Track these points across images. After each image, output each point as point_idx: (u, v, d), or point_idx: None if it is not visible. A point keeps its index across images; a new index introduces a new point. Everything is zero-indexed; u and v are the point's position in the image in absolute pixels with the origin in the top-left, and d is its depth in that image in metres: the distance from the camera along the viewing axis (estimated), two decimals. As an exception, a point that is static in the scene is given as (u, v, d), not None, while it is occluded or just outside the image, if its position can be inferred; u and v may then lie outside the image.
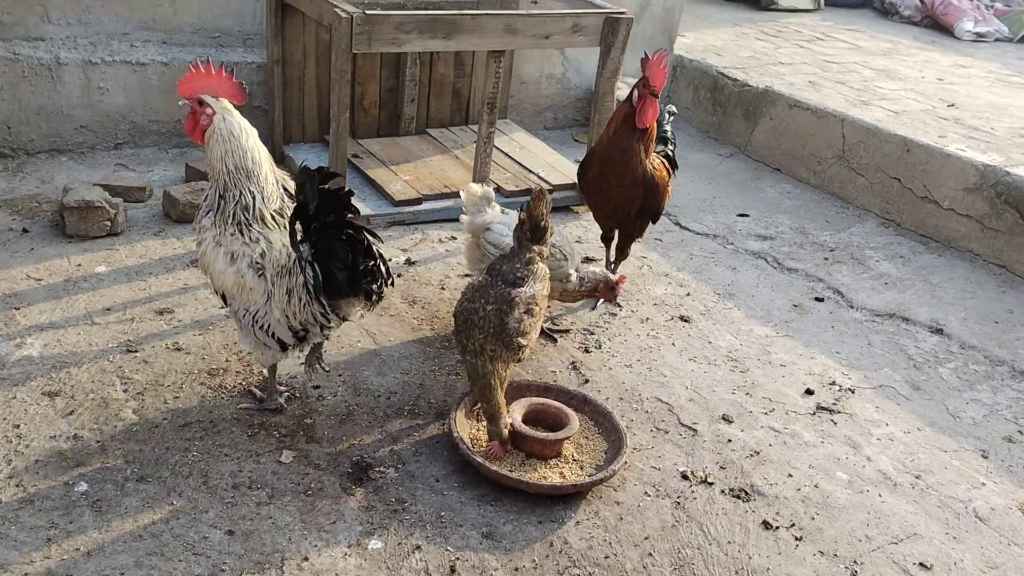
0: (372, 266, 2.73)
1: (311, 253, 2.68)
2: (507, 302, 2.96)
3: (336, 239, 2.67)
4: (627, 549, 2.70)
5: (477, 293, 3.01)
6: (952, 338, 4.13)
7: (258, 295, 2.78)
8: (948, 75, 7.03)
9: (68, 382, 3.11)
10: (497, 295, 2.97)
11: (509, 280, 3.03)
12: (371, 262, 2.72)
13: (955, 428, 3.49)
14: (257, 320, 2.82)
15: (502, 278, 3.03)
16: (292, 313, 2.76)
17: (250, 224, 2.78)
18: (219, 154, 2.78)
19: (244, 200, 2.78)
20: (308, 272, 2.68)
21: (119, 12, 4.83)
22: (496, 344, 2.91)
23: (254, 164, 2.80)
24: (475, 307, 2.96)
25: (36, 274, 3.72)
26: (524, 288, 3.02)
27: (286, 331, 2.81)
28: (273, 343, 2.85)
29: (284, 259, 2.76)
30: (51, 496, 2.62)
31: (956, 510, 3.05)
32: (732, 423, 3.35)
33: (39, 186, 4.48)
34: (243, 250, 2.77)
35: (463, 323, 2.97)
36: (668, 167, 4.04)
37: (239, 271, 2.77)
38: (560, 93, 6.22)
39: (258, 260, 2.77)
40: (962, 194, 4.96)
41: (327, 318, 2.78)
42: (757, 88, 6.09)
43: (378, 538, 2.62)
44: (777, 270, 4.64)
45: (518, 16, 4.46)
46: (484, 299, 2.97)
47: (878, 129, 5.40)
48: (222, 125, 2.78)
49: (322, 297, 2.71)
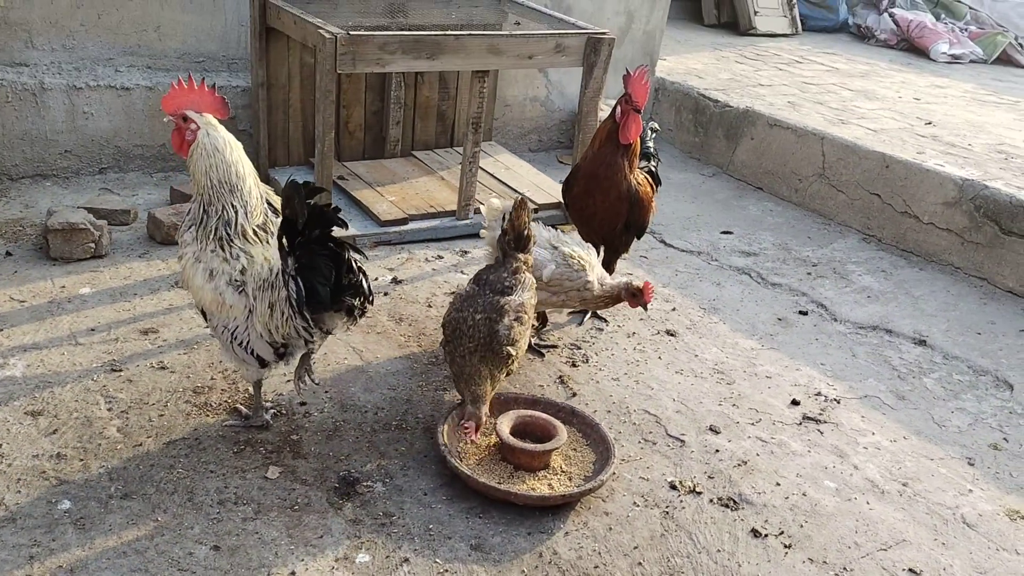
0: (355, 281, 2.73)
1: (294, 267, 2.68)
2: (497, 310, 2.97)
3: (319, 254, 2.67)
4: (616, 559, 2.69)
5: (466, 303, 3.02)
6: (935, 349, 4.16)
7: (238, 312, 2.78)
8: (925, 95, 7.14)
9: (51, 401, 3.08)
10: (486, 304, 2.99)
11: (497, 289, 3.05)
12: (353, 277, 2.72)
13: (941, 436, 3.51)
14: (236, 337, 2.82)
15: (490, 287, 3.05)
16: (275, 327, 2.75)
17: (231, 239, 2.78)
18: (203, 168, 2.79)
19: (227, 215, 2.78)
20: (291, 286, 2.68)
21: (103, 37, 4.85)
22: (486, 352, 2.92)
23: (238, 178, 2.81)
24: (464, 316, 2.98)
25: (19, 296, 3.70)
26: (513, 296, 3.04)
27: (266, 347, 2.81)
28: (252, 360, 2.84)
29: (266, 273, 2.76)
30: (33, 514, 2.59)
31: (944, 516, 3.05)
32: (719, 434, 3.35)
33: (23, 210, 4.47)
34: (222, 267, 2.77)
35: (452, 332, 2.98)
36: (651, 182, 4.07)
37: (217, 288, 2.78)
38: (544, 115, 6.28)
39: (238, 277, 2.77)
40: (941, 208, 5.02)
41: (310, 332, 2.78)
42: (738, 109, 6.17)
43: (366, 552, 2.60)
44: (761, 285, 4.67)
45: (501, 36, 4.51)
46: (473, 308, 2.98)
47: (857, 146, 5.47)
48: (206, 140, 2.80)
49: (305, 311, 2.71)
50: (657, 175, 4.18)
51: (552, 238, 3.58)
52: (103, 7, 4.79)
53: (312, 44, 4.21)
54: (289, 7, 4.51)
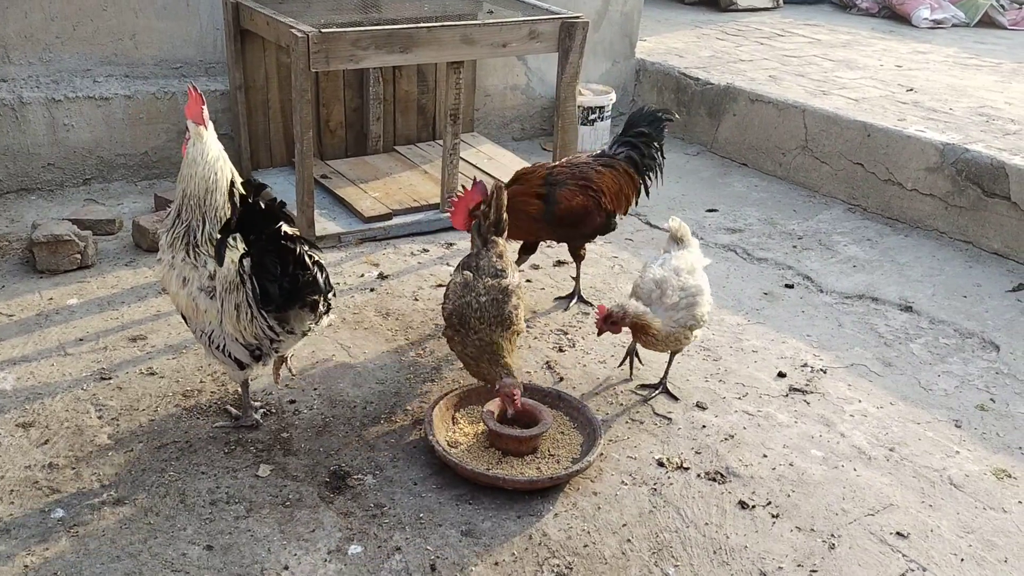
0: (308, 277, 2.69)
1: (249, 267, 2.69)
2: (502, 291, 3.07)
3: (267, 252, 2.65)
4: (606, 537, 2.72)
5: (465, 290, 3.08)
6: (921, 314, 4.18)
7: (212, 316, 2.81)
8: (907, 62, 7.14)
9: (42, 412, 3.11)
10: (488, 287, 3.07)
11: (491, 273, 3.13)
12: (306, 273, 2.68)
13: (928, 400, 3.53)
14: (213, 340, 2.85)
15: (483, 272, 3.13)
16: (243, 328, 2.78)
17: (199, 246, 2.81)
18: (181, 176, 2.84)
19: (193, 224, 2.82)
20: (248, 286, 2.70)
21: (80, 49, 4.86)
22: (500, 329, 3.01)
23: (206, 193, 2.84)
24: (468, 302, 3.04)
25: (7, 310, 3.73)
26: (510, 278, 3.13)
27: (241, 349, 2.83)
28: (231, 362, 2.87)
29: (233, 275, 2.78)
30: (27, 524, 2.62)
31: (931, 479, 3.08)
32: (706, 409, 3.38)
33: (9, 225, 4.49)
34: (193, 274, 2.82)
35: (459, 321, 3.03)
36: (630, 173, 3.99)
37: (190, 294, 2.83)
38: (525, 103, 6.28)
39: (207, 282, 2.80)
40: (924, 174, 5.03)
41: (275, 332, 2.79)
42: (719, 86, 6.17)
43: (358, 543, 2.63)
44: (747, 261, 4.69)
45: (474, 26, 4.51)
46: (474, 293, 3.06)
47: (838, 117, 5.48)
48: (190, 150, 2.85)
49: (262, 310, 2.72)
50: (640, 164, 4.02)
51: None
52: (78, 19, 4.80)
53: (285, 44, 4.23)
54: (261, 8, 4.52)
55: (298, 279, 2.67)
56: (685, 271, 3.28)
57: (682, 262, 3.32)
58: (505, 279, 3.13)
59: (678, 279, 3.24)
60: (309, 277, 2.70)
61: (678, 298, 3.20)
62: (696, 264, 3.36)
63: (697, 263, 3.37)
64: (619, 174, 3.95)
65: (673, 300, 3.19)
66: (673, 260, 3.33)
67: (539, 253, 4.59)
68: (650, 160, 4.07)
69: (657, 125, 4.08)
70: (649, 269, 3.33)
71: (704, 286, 3.29)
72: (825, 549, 2.73)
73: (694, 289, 3.23)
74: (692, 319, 3.21)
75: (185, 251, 2.84)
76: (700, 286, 3.27)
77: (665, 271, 3.27)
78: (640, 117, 4.11)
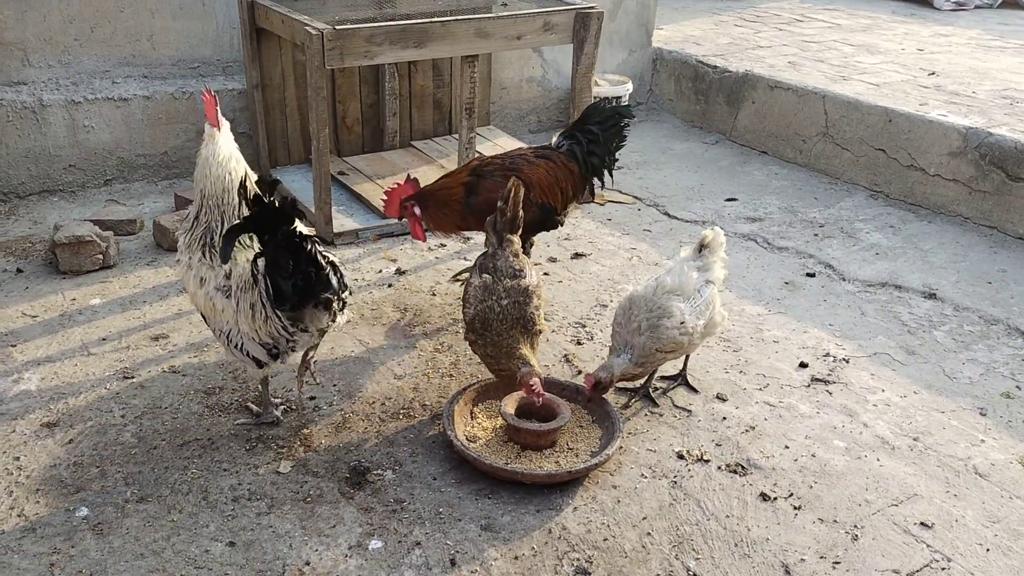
0: (322, 275, 2.68)
1: (263, 267, 2.68)
2: (523, 293, 3.07)
3: (280, 250, 2.64)
4: (625, 530, 2.71)
5: (486, 293, 3.07)
6: (946, 301, 4.12)
7: (228, 315, 2.83)
8: (928, 45, 7.03)
9: (66, 412, 3.15)
10: (508, 289, 3.06)
11: (509, 274, 3.11)
12: (319, 271, 2.67)
13: (952, 388, 3.49)
14: (231, 339, 2.87)
15: (502, 274, 3.11)
16: (258, 327, 2.79)
17: (215, 247, 2.83)
18: (196, 177, 2.86)
19: (212, 224, 2.84)
20: (262, 285, 2.70)
21: (98, 51, 4.90)
22: (521, 330, 3.01)
23: (223, 192, 2.86)
24: (490, 305, 3.03)
25: (31, 311, 3.78)
26: (529, 278, 3.12)
27: (258, 347, 2.84)
28: (249, 360, 2.88)
29: (247, 274, 2.79)
30: (52, 523, 2.65)
31: (956, 468, 3.04)
32: (726, 401, 3.36)
33: (32, 227, 4.55)
34: (209, 274, 2.84)
35: (482, 324, 3.03)
36: (569, 167, 3.84)
37: (208, 294, 2.85)
38: (542, 95, 6.26)
39: (223, 282, 2.81)
40: (947, 159, 4.96)
41: (288, 331, 2.79)
42: (737, 73, 6.12)
43: (378, 538, 2.64)
44: (767, 250, 4.65)
45: (488, 19, 4.50)
46: (495, 296, 3.05)
47: (859, 102, 5.41)
48: (203, 151, 2.87)
49: (276, 309, 2.72)
50: (583, 158, 3.86)
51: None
52: (95, 20, 4.84)
53: (300, 41, 4.24)
54: (276, 6, 4.53)
55: (311, 277, 2.67)
56: (667, 290, 3.10)
57: (672, 279, 3.13)
58: (524, 279, 3.12)
59: (652, 299, 3.09)
60: (323, 276, 2.70)
61: (636, 323, 3.06)
62: (690, 284, 3.13)
63: (696, 281, 3.15)
64: (556, 167, 3.81)
65: (634, 325, 3.07)
66: (667, 276, 3.15)
67: (557, 246, 4.59)
68: (595, 158, 3.90)
69: (609, 126, 3.91)
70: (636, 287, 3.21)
71: (675, 309, 3.06)
72: (848, 540, 2.71)
73: (660, 312, 3.06)
74: (657, 341, 3.06)
75: (202, 251, 2.86)
76: (668, 308, 3.06)
77: (645, 290, 3.14)
78: (595, 112, 3.96)
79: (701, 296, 3.15)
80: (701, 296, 3.15)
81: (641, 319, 3.08)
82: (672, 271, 3.20)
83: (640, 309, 3.10)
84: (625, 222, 4.92)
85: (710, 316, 3.18)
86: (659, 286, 3.13)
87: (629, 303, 3.16)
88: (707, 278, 3.20)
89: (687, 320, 3.08)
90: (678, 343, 3.11)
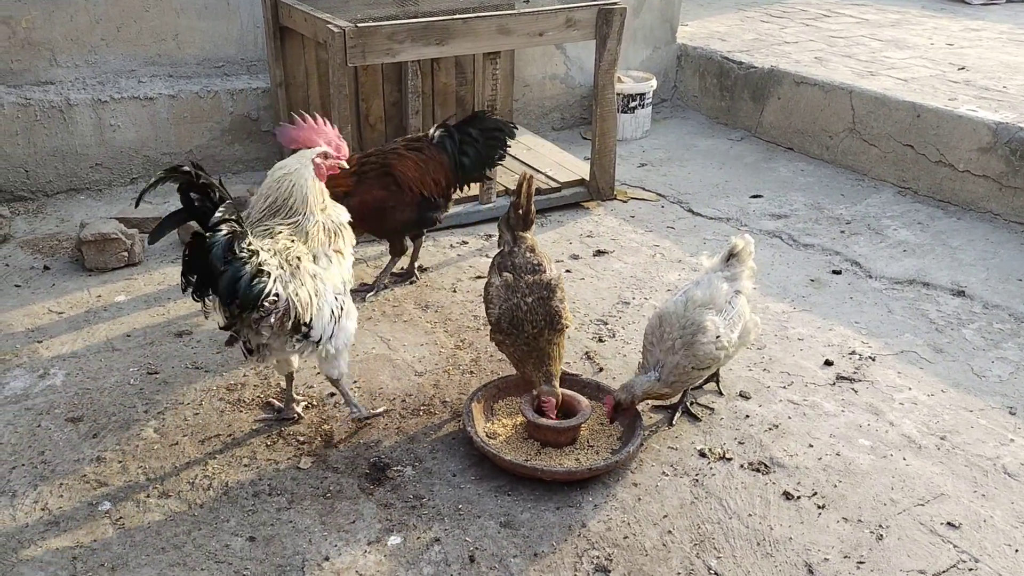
0: (223, 277, 2.54)
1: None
2: (546, 288, 3.05)
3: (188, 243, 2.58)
4: (646, 528, 2.69)
5: (509, 291, 3.05)
6: (975, 299, 4.05)
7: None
8: (958, 40, 6.92)
9: (91, 407, 3.18)
10: (531, 285, 3.04)
11: (529, 270, 3.09)
12: (214, 272, 2.53)
13: (980, 387, 3.43)
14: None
15: (522, 270, 3.09)
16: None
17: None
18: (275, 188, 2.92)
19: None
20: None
21: (124, 50, 4.95)
22: (550, 330, 2.99)
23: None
24: (516, 303, 3.01)
25: (57, 308, 3.82)
26: (549, 273, 3.10)
27: (228, 336, 2.81)
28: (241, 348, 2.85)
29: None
30: (75, 517, 2.68)
31: (984, 468, 2.98)
32: (749, 399, 3.32)
33: (59, 225, 4.60)
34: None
35: (509, 323, 3.01)
36: (439, 159, 3.89)
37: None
38: (565, 93, 6.24)
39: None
40: (977, 155, 4.88)
41: (234, 331, 2.74)
42: (763, 69, 6.06)
43: (397, 534, 2.64)
44: (792, 247, 4.60)
45: (510, 16, 4.49)
46: (520, 294, 3.03)
47: (887, 98, 5.33)
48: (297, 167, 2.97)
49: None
50: (451, 153, 3.92)
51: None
52: (121, 20, 4.89)
53: (323, 39, 4.25)
54: (299, 5, 4.55)
55: (208, 277, 2.55)
56: (698, 304, 3.01)
57: (701, 292, 3.04)
58: (545, 273, 3.10)
59: (684, 315, 2.99)
60: (224, 278, 2.53)
61: (671, 342, 2.96)
62: (720, 296, 3.04)
63: (726, 293, 3.06)
64: (427, 159, 3.87)
65: (668, 344, 2.97)
66: (696, 289, 3.06)
67: (579, 243, 4.57)
68: (467, 159, 3.94)
69: (488, 137, 3.99)
70: (667, 302, 3.12)
71: (710, 323, 2.96)
72: (873, 540, 2.67)
73: (694, 328, 2.96)
74: (693, 358, 2.96)
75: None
76: (701, 323, 2.96)
77: (675, 305, 3.04)
78: (479, 120, 4.03)
79: (733, 308, 3.06)
80: (733, 308, 3.06)
81: (675, 337, 2.96)
82: (700, 283, 3.10)
83: (672, 327, 2.98)
84: (648, 219, 4.88)
85: (743, 326, 3.10)
86: (689, 300, 3.02)
87: (659, 321, 3.04)
88: (736, 288, 3.12)
89: (722, 333, 3.00)
90: (714, 358, 3.01)
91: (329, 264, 2.88)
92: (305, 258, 2.79)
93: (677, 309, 3.01)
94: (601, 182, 5.03)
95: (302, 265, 2.76)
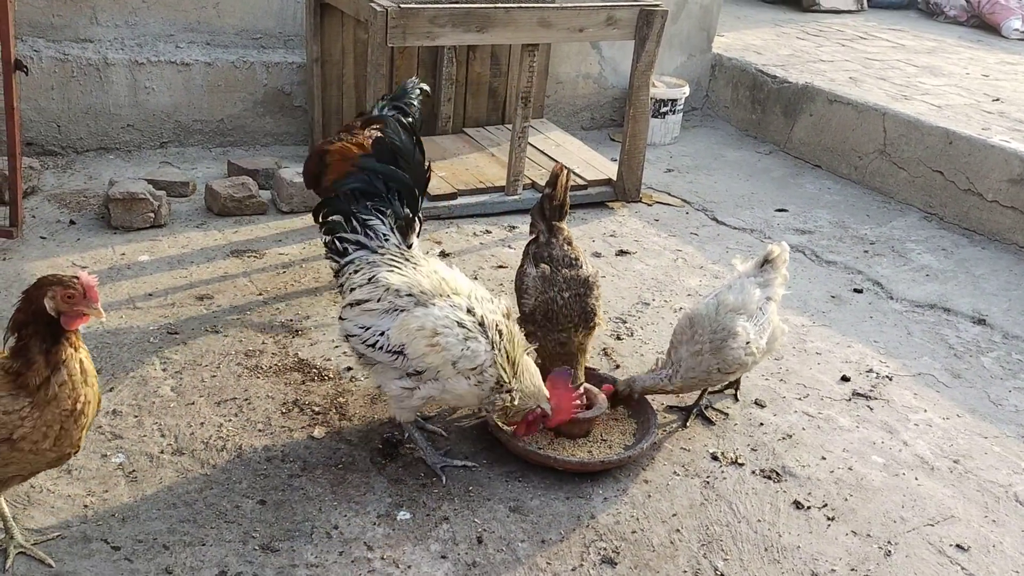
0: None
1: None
2: (583, 284, 3.04)
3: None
4: (654, 525, 2.69)
5: (547, 284, 3.05)
6: (995, 328, 4.04)
7: None
8: (994, 72, 6.90)
9: (109, 361, 3.19)
10: (569, 280, 3.04)
11: (566, 264, 3.09)
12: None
13: (996, 415, 3.41)
14: None
15: (559, 263, 3.08)
16: None
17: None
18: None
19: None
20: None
21: (164, 14, 4.97)
22: (584, 327, 3.01)
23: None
24: (552, 296, 3.02)
25: (81, 262, 3.84)
26: (586, 268, 3.11)
27: None
28: None
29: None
30: (88, 467, 2.69)
31: (996, 494, 2.97)
32: (764, 408, 3.31)
33: (87, 182, 4.62)
34: None
35: (544, 315, 3.01)
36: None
37: None
38: (597, 92, 6.24)
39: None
40: (1007, 186, 4.86)
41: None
42: (796, 84, 6.05)
43: (407, 510, 2.64)
44: (815, 263, 4.59)
45: (552, 9, 4.49)
46: (556, 288, 3.03)
47: (920, 122, 5.32)
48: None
49: None
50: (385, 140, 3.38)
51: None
52: (164, -16, 4.91)
53: (364, 18, 4.26)
54: (343, -18, 4.56)
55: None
56: (730, 308, 2.99)
57: (734, 296, 3.02)
58: (583, 269, 3.10)
59: (715, 319, 2.97)
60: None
61: (699, 344, 2.95)
62: (752, 302, 3.02)
63: (758, 299, 3.04)
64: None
65: (696, 347, 2.96)
66: (728, 294, 3.05)
67: (602, 242, 4.57)
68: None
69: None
70: (700, 302, 3.11)
71: (740, 329, 2.94)
72: (881, 555, 2.66)
73: (724, 332, 2.94)
74: (721, 362, 2.96)
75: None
76: (733, 328, 2.94)
77: (706, 308, 3.02)
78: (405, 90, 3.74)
79: (763, 314, 3.04)
80: (763, 314, 3.04)
81: (704, 340, 2.95)
82: (733, 287, 3.08)
83: (704, 330, 2.96)
84: (672, 224, 4.88)
85: (771, 333, 3.08)
86: (720, 304, 3.00)
87: (690, 323, 3.02)
88: (768, 295, 3.10)
89: (752, 339, 2.98)
90: (742, 363, 3.01)
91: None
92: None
93: (709, 312, 3.00)
94: (628, 183, 5.02)
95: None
